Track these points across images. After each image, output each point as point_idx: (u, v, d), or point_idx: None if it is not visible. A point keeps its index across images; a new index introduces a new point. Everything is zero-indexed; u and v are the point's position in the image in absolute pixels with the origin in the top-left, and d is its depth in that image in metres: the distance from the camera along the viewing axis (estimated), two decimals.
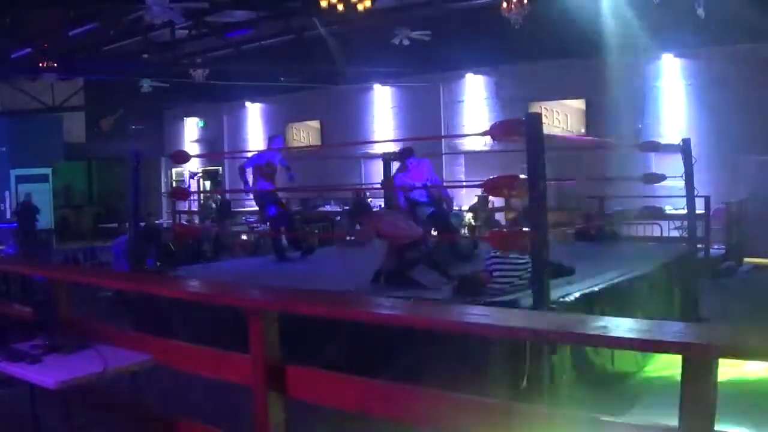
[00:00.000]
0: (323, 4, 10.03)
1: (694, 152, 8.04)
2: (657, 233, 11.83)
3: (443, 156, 15.74)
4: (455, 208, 13.11)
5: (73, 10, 12.49)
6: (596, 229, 10.80)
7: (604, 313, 5.33)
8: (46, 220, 17.23)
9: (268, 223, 9.05)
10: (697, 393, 2.23)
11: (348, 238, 8.00)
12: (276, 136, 9.87)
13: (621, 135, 13.01)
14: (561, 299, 4.93)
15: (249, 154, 9.83)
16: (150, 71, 16.04)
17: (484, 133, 5.48)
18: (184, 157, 8.54)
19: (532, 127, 4.64)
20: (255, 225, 13.83)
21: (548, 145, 4.81)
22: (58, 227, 18.92)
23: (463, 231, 8.51)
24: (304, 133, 18.89)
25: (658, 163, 11.47)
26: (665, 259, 7.14)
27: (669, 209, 10.70)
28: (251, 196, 18.35)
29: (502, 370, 4.54)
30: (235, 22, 14.37)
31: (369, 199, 15.96)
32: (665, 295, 6.80)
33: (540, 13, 11.26)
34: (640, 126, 13.53)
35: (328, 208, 16.26)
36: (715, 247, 11.48)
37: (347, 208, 6.92)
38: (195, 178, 21.40)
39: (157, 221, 14.57)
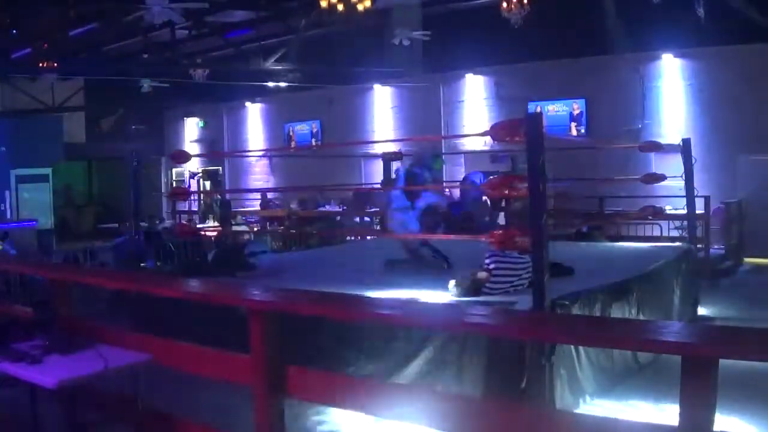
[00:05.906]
0: (323, 4, 10.01)
1: (694, 152, 8.05)
2: (657, 233, 11.83)
3: (443, 156, 15.72)
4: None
5: (74, 10, 12.48)
6: (596, 230, 10.81)
7: (604, 314, 5.34)
8: (45, 220, 17.23)
9: None
10: (697, 393, 2.24)
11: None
12: None
13: (621, 135, 13.03)
14: (561, 299, 4.93)
15: (249, 153, 9.67)
16: (150, 71, 16.03)
17: (484, 133, 5.46)
18: (184, 157, 8.51)
19: (532, 127, 4.63)
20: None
21: (548, 145, 4.80)
22: (58, 227, 18.88)
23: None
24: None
25: (658, 163, 11.50)
26: (665, 259, 7.13)
27: (669, 209, 10.69)
28: (251, 196, 18.45)
29: (502, 370, 4.54)
30: (235, 22, 14.37)
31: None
32: (665, 295, 6.80)
33: (540, 13, 11.25)
34: (640, 126, 13.54)
35: (328, 207, 16.28)
36: (715, 247, 11.48)
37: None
38: (195, 178, 21.43)
39: (158, 222, 14.52)
